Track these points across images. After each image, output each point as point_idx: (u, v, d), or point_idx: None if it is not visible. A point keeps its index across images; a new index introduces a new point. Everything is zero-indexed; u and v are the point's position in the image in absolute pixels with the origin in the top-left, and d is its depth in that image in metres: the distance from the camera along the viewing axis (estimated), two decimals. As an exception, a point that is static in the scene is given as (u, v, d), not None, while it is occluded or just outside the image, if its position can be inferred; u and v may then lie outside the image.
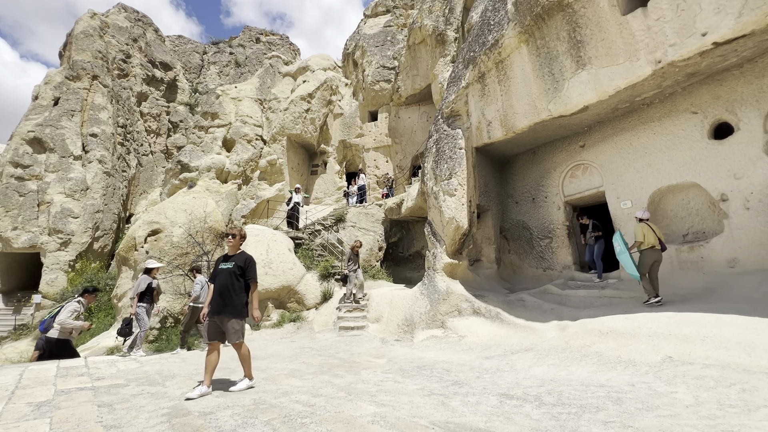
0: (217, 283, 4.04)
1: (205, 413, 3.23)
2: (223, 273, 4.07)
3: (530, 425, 2.88)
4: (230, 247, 4.23)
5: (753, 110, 5.83)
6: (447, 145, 8.68)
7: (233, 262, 4.12)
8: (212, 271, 4.16)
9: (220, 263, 4.15)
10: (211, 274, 4.16)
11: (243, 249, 8.45)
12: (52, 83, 19.48)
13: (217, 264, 4.18)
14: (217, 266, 4.14)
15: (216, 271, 4.12)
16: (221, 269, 4.10)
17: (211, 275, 4.16)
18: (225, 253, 4.30)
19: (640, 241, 6.23)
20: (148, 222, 14.29)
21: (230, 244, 4.21)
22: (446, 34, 13.87)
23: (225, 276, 4.05)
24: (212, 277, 4.15)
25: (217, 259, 4.25)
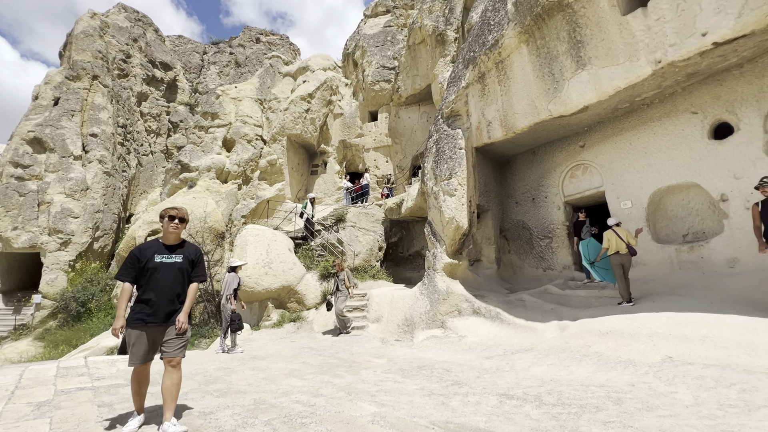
0: (160, 282, 2.99)
1: (205, 413, 3.23)
2: (168, 269, 3.03)
3: (530, 425, 2.88)
4: (174, 234, 3.16)
5: (753, 110, 5.83)
6: (447, 145, 8.68)
7: (182, 255, 3.14)
8: (139, 266, 3.01)
9: (156, 255, 3.05)
10: (139, 268, 3.01)
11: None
12: (52, 83, 19.48)
13: (145, 255, 3.04)
14: (149, 259, 3.02)
15: (153, 265, 3.01)
16: (163, 263, 3.03)
17: (139, 270, 3.01)
18: (154, 239, 3.20)
19: (605, 247, 6.81)
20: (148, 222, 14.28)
21: (175, 230, 3.14)
22: (446, 34, 13.87)
23: (172, 273, 3.05)
24: (140, 272, 3.01)
25: (141, 249, 3.09)
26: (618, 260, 6.62)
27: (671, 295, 6.12)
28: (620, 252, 6.61)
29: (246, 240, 11.09)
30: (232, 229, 15.90)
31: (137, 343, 2.93)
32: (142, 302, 2.98)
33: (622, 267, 6.62)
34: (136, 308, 2.97)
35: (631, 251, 6.60)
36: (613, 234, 6.76)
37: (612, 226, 6.91)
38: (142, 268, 3.01)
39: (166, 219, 3.14)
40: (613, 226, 6.90)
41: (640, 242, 7.15)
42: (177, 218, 3.15)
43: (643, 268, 7.13)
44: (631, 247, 6.61)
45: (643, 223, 7.22)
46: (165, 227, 3.14)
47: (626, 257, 6.60)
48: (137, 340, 2.94)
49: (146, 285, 3.00)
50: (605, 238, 6.87)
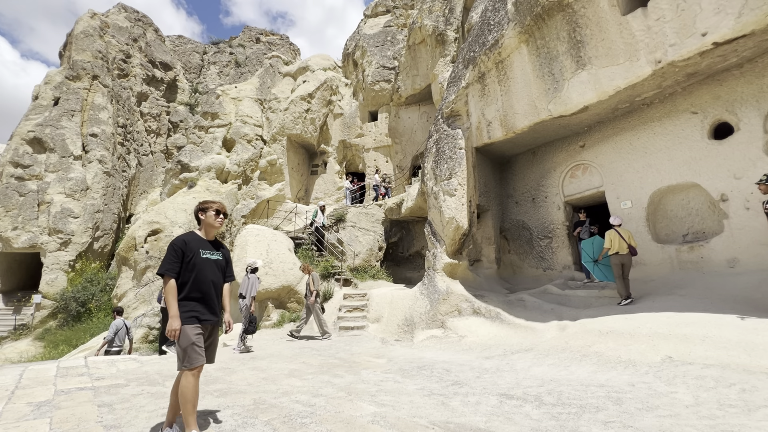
0: (208, 279, 2.81)
1: (205, 413, 3.23)
2: (212, 266, 2.86)
3: (530, 425, 2.88)
4: (218, 230, 3.03)
5: (753, 110, 5.83)
6: (447, 145, 8.68)
7: (221, 253, 2.99)
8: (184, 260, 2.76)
9: (201, 250, 2.84)
10: (185, 262, 2.76)
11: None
12: (52, 83, 19.49)
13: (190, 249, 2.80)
14: (195, 254, 2.80)
15: (200, 261, 2.80)
16: (208, 260, 2.85)
17: (185, 264, 2.76)
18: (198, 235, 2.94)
19: (607, 247, 6.82)
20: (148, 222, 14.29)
21: (220, 226, 2.98)
22: (446, 34, 13.87)
23: (215, 270, 2.88)
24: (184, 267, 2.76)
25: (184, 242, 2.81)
26: (619, 260, 6.66)
27: (671, 295, 6.12)
28: (621, 252, 6.65)
29: (246, 240, 11.09)
30: (232, 229, 15.91)
31: (199, 340, 2.66)
32: (191, 300, 2.73)
33: (622, 267, 6.66)
34: (186, 305, 2.71)
35: (632, 251, 6.64)
36: (616, 234, 6.77)
37: (615, 225, 6.92)
38: (186, 262, 2.76)
39: (211, 213, 2.91)
40: (616, 226, 6.91)
41: (640, 242, 7.15)
42: (222, 213, 2.97)
43: (643, 268, 7.13)
44: (632, 247, 6.65)
45: (643, 223, 7.23)
46: (210, 222, 2.92)
47: (627, 257, 6.64)
48: (199, 337, 2.67)
49: (193, 281, 2.74)
50: (607, 238, 6.88)
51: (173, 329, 2.59)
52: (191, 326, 2.66)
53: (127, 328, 8.36)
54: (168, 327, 2.60)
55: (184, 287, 2.74)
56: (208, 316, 2.78)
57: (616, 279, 6.74)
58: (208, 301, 2.80)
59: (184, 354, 2.62)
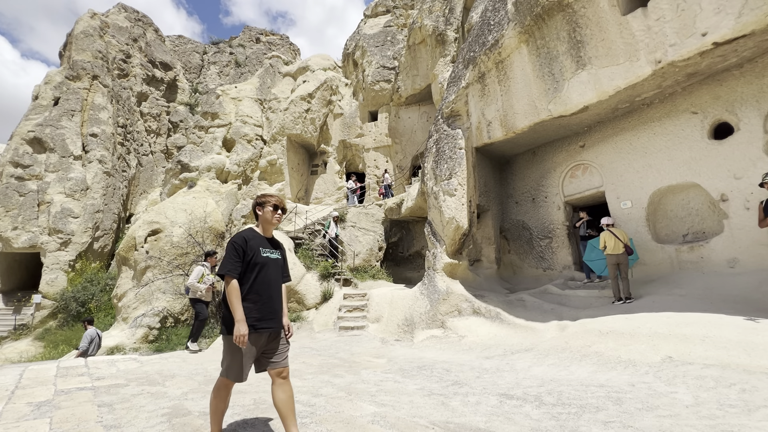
0: (269, 280, 2.57)
1: (205, 413, 3.22)
2: (272, 266, 2.62)
3: (530, 425, 2.88)
4: (275, 227, 2.78)
5: (753, 110, 5.83)
6: (447, 145, 8.68)
7: (279, 251, 2.75)
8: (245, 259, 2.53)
9: (261, 248, 2.60)
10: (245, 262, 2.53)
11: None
12: (52, 83, 19.49)
13: (251, 248, 2.56)
14: (256, 252, 2.56)
15: (261, 260, 2.56)
16: (268, 259, 2.60)
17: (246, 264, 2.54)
18: (257, 232, 2.70)
19: (601, 248, 6.98)
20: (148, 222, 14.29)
21: (278, 221, 2.74)
22: (446, 34, 13.87)
23: (275, 270, 2.65)
24: (245, 267, 2.53)
25: (245, 239, 2.57)
26: (614, 260, 6.73)
27: (671, 295, 6.13)
28: (616, 252, 6.72)
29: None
30: (232, 229, 15.91)
31: (248, 353, 2.44)
32: (251, 303, 2.48)
33: (618, 267, 6.73)
34: (246, 310, 2.46)
35: (628, 251, 6.69)
36: (610, 235, 6.84)
37: (607, 226, 7.03)
38: (248, 262, 2.53)
39: (269, 209, 2.67)
40: (609, 227, 7.01)
41: (640, 242, 7.16)
42: (280, 208, 2.72)
43: (643, 268, 7.14)
44: (628, 246, 6.70)
45: (643, 223, 7.23)
46: (267, 218, 2.68)
47: (623, 256, 6.69)
48: (248, 349, 2.43)
49: (253, 282, 2.50)
50: (601, 239, 6.99)
51: (241, 335, 2.33)
52: (250, 333, 2.44)
53: (99, 337, 8.43)
54: (235, 332, 2.34)
55: (243, 289, 2.50)
56: (268, 323, 2.50)
57: (611, 279, 6.81)
58: (270, 303, 2.54)
59: (228, 363, 2.46)
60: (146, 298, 12.74)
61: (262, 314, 2.49)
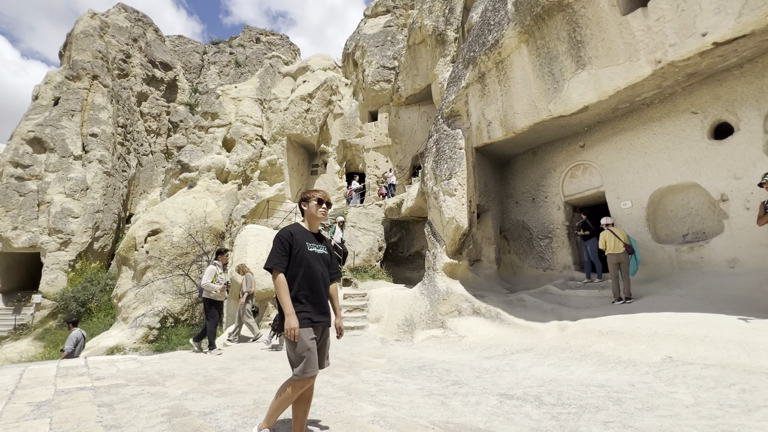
0: (317, 276, 2.53)
1: (205, 413, 3.22)
2: (319, 261, 2.58)
3: (530, 425, 2.88)
4: (318, 221, 2.75)
5: (753, 110, 5.83)
6: (447, 145, 8.68)
7: (325, 246, 2.71)
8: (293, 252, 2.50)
9: (308, 243, 2.56)
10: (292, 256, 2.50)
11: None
12: (52, 83, 19.49)
13: (297, 242, 2.52)
14: (303, 247, 2.52)
15: (308, 254, 2.53)
16: (315, 254, 2.57)
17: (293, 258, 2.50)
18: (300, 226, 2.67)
19: (602, 248, 6.98)
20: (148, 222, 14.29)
21: (323, 216, 2.71)
22: (446, 34, 13.87)
23: (322, 266, 2.59)
24: (292, 262, 2.50)
25: (291, 233, 2.54)
26: (615, 260, 6.75)
27: (671, 295, 6.13)
28: (616, 252, 6.74)
29: (246, 240, 11.09)
30: (232, 229, 15.91)
31: (314, 346, 2.39)
32: (301, 298, 2.44)
33: (619, 266, 6.75)
34: (297, 306, 2.42)
35: (629, 250, 6.71)
36: (611, 234, 6.85)
37: (607, 225, 7.04)
38: (294, 256, 2.49)
39: (313, 203, 2.67)
40: (609, 226, 7.02)
41: (640, 242, 7.16)
42: (325, 202, 2.70)
43: (643, 268, 7.13)
44: (628, 246, 6.72)
45: (643, 223, 7.23)
46: (312, 212, 2.67)
47: (623, 256, 6.71)
48: (313, 342, 2.39)
49: (302, 278, 2.47)
50: (601, 239, 7.01)
51: (292, 328, 2.28)
52: (306, 329, 2.38)
53: (84, 338, 8.42)
54: (286, 326, 2.29)
55: (291, 284, 2.46)
56: (320, 317, 2.48)
57: (611, 279, 6.83)
58: (318, 299, 2.50)
59: (299, 360, 2.33)
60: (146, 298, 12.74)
61: (319, 308, 2.48)
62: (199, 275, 12.25)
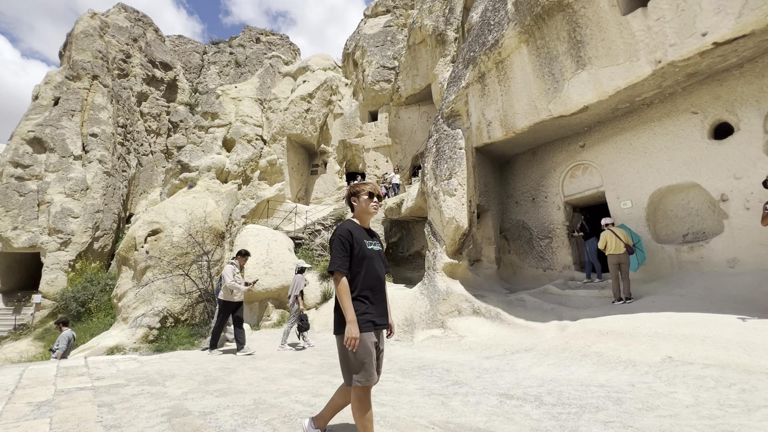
0: (373, 274, 2.34)
1: (205, 413, 3.22)
2: (377, 259, 2.41)
3: (530, 425, 2.88)
4: (370, 216, 2.54)
5: (753, 110, 5.83)
6: (447, 145, 8.68)
7: (379, 243, 2.52)
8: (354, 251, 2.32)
9: (365, 240, 2.39)
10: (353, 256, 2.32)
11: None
12: (52, 83, 19.49)
13: (357, 241, 2.35)
14: (362, 246, 2.35)
15: (368, 253, 2.35)
16: (373, 251, 2.39)
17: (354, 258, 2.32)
18: (354, 223, 2.48)
19: (602, 248, 6.98)
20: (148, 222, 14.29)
21: (375, 211, 2.52)
22: (446, 34, 13.87)
23: (380, 264, 2.42)
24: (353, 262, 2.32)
25: (349, 231, 2.37)
26: (616, 260, 6.75)
27: (671, 295, 6.13)
28: (617, 252, 6.74)
29: (246, 240, 11.09)
30: (232, 229, 15.90)
31: (374, 350, 2.22)
32: (362, 300, 2.27)
33: (619, 266, 6.75)
34: (359, 307, 2.25)
35: (629, 250, 6.71)
36: (611, 234, 6.86)
37: (607, 225, 7.04)
38: (355, 255, 2.32)
39: (364, 197, 2.46)
40: (609, 226, 7.02)
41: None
42: (376, 195, 2.49)
43: (643, 267, 7.13)
44: (629, 246, 6.72)
45: (643, 223, 7.23)
46: (363, 207, 2.48)
47: (624, 256, 6.72)
48: (374, 346, 2.22)
49: (363, 278, 2.30)
50: (602, 239, 7.01)
51: (353, 337, 2.09)
52: (368, 334, 2.21)
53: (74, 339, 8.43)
54: (347, 335, 2.11)
55: (352, 285, 2.29)
56: (381, 319, 2.32)
57: (612, 279, 6.83)
58: (380, 300, 2.34)
59: (360, 367, 2.15)
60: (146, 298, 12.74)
61: (380, 311, 2.32)
62: (199, 275, 12.24)
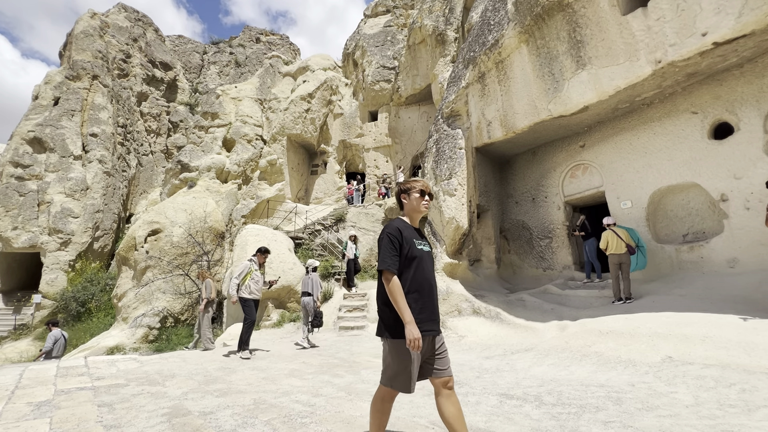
0: (424, 275, 2.23)
1: (205, 413, 3.22)
2: (427, 260, 2.29)
3: (530, 425, 2.88)
4: (420, 215, 2.41)
5: (753, 110, 5.83)
6: (447, 145, 8.68)
7: (428, 243, 2.41)
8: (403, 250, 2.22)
9: (415, 240, 2.28)
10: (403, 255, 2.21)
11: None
12: (52, 83, 19.49)
13: (406, 240, 2.24)
14: (411, 245, 2.24)
15: (418, 253, 2.24)
16: (422, 251, 2.28)
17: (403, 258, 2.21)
18: (404, 221, 2.36)
19: (603, 248, 6.98)
20: (148, 222, 14.29)
21: (426, 209, 2.40)
22: (446, 34, 13.87)
23: (430, 264, 2.31)
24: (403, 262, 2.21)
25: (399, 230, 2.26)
26: (616, 260, 6.75)
27: (671, 295, 6.13)
28: (618, 252, 6.74)
29: (246, 240, 11.09)
30: (232, 229, 15.91)
31: (417, 358, 2.13)
32: (410, 302, 2.15)
33: (620, 267, 6.75)
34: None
35: (630, 250, 6.70)
36: (613, 234, 6.86)
37: (609, 225, 7.04)
38: (405, 255, 2.21)
39: (415, 195, 2.36)
40: (611, 226, 7.02)
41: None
42: (427, 193, 2.38)
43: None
44: (630, 246, 6.71)
45: (644, 223, 7.23)
46: (414, 206, 2.37)
47: (624, 256, 6.71)
48: (416, 354, 2.12)
49: (413, 279, 2.18)
50: (603, 239, 7.01)
51: (415, 338, 1.99)
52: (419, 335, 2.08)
53: (64, 338, 8.35)
54: (408, 336, 2.00)
55: (403, 286, 2.18)
56: (432, 324, 2.19)
57: (612, 279, 6.84)
58: (429, 303, 2.22)
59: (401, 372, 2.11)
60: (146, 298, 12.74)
61: (427, 314, 2.18)
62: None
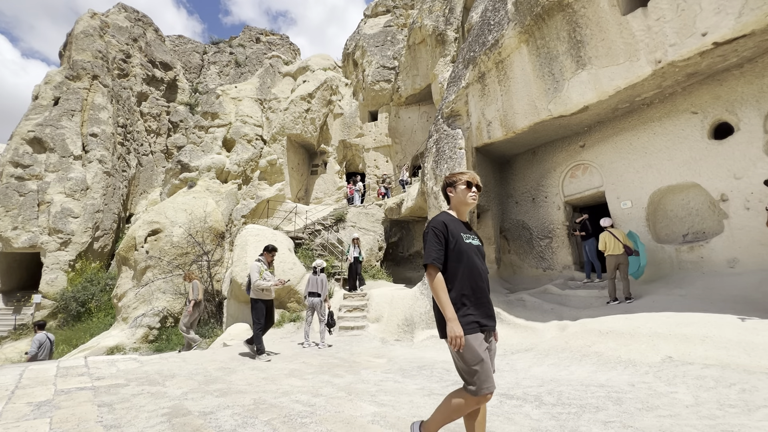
0: (474, 269, 2.12)
1: (205, 413, 3.22)
2: (476, 254, 2.19)
3: (530, 425, 2.88)
4: (468, 207, 2.32)
5: (753, 110, 5.83)
6: (447, 145, 8.68)
7: (478, 237, 2.31)
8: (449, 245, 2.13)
9: (462, 234, 2.18)
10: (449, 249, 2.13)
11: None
12: (52, 83, 19.48)
13: (453, 233, 2.15)
14: (458, 239, 2.15)
15: (465, 247, 2.14)
16: (470, 246, 2.17)
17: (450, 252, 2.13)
18: (450, 215, 2.28)
19: (602, 249, 7.00)
20: (148, 222, 14.29)
21: (474, 201, 2.30)
22: (446, 34, 13.87)
23: (480, 258, 2.20)
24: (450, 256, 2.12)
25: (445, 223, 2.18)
26: (614, 261, 6.76)
27: (671, 295, 6.13)
28: (616, 253, 6.76)
29: (246, 240, 11.09)
30: (232, 228, 15.91)
31: (486, 355, 1.99)
32: (463, 299, 2.05)
33: (617, 267, 6.76)
34: (460, 307, 2.04)
35: (628, 251, 6.71)
36: (610, 236, 6.88)
37: (606, 227, 7.07)
38: (451, 249, 2.12)
39: (461, 187, 2.26)
40: (608, 228, 7.04)
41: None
42: (474, 185, 2.28)
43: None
44: (628, 247, 6.73)
45: (643, 223, 7.23)
46: (461, 198, 2.28)
47: (622, 257, 6.73)
48: (485, 351, 1.99)
49: (462, 275, 2.09)
50: (601, 240, 7.03)
51: (457, 336, 1.90)
52: (474, 335, 1.98)
53: (50, 341, 8.29)
54: (449, 333, 1.92)
55: (449, 284, 2.08)
56: (486, 320, 2.08)
57: (608, 280, 6.86)
58: (483, 299, 2.10)
59: (472, 374, 1.94)
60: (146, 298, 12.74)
61: (481, 310, 2.07)
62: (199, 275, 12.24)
